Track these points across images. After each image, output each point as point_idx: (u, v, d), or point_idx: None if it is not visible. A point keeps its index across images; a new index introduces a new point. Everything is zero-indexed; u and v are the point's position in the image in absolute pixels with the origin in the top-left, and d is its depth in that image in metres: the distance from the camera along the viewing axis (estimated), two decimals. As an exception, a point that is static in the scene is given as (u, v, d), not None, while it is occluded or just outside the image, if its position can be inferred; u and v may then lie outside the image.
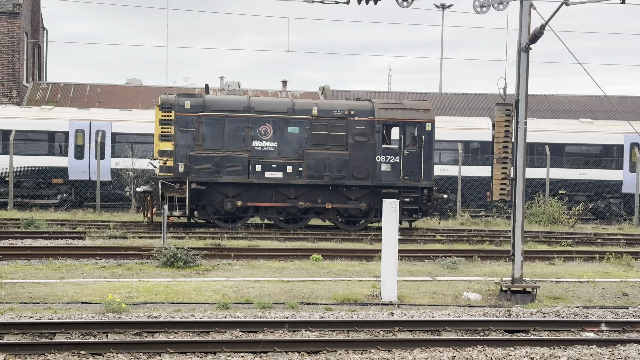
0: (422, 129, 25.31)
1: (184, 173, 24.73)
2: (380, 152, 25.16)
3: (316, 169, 25.10)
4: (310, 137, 25.15)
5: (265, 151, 25.07)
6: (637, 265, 19.61)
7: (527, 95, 14.52)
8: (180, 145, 24.86)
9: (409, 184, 25.23)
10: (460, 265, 18.71)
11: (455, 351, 10.66)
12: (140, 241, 21.88)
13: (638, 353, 10.64)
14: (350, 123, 25.18)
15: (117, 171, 30.79)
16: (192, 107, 24.96)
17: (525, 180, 14.86)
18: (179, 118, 24.82)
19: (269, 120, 25.10)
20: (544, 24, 13.76)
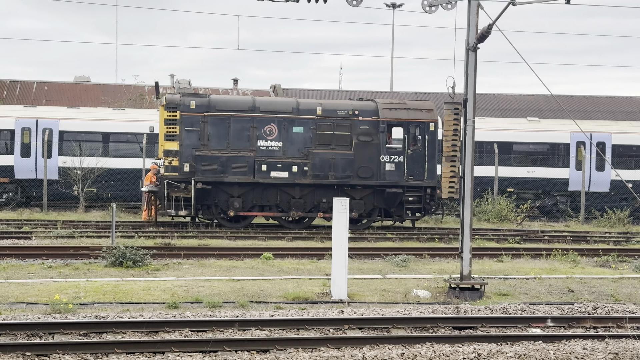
0: (425, 128, 25.59)
1: (189, 173, 24.73)
2: (384, 151, 25.39)
3: (321, 169, 25.28)
4: (315, 136, 25.31)
5: (270, 151, 25.15)
6: (582, 262, 19.97)
7: (476, 94, 14.67)
8: (185, 145, 24.83)
9: (412, 183, 25.53)
10: (410, 263, 18.84)
11: (404, 348, 10.73)
12: (89, 241, 21.60)
13: (583, 348, 10.83)
14: (354, 123, 25.39)
15: (64, 170, 30.33)
16: (197, 107, 24.96)
17: (473, 179, 15.02)
18: (184, 118, 24.81)
19: (274, 120, 25.19)
20: (491, 24, 13.92)
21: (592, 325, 12.41)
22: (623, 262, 20.01)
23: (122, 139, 31.56)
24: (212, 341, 10.53)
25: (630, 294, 15.64)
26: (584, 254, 21.16)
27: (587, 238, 25.36)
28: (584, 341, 11.23)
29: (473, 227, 25.55)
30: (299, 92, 45.60)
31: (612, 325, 12.38)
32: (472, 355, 10.42)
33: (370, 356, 10.29)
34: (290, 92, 44.73)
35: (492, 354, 10.48)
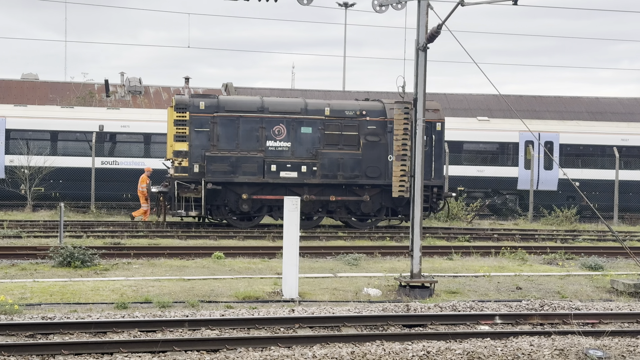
0: (432, 128, 25.83)
1: (199, 173, 24.82)
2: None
3: (330, 169, 25.52)
4: (323, 137, 25.57)
5: (279, 151, 25.35)
6: (530, 260, 20.25)
7: (425, 94, 14.79)
8: (195, 145, 24.91)
9: None
10: (362, 262, 18.92)
11: (354, 346, 10.77)
12: (36, 240, 21.26)
13: (529, 345, 10.98)
14: (362, 123, 25.67)
15: (11, 169, 29.81)
16: (206, 108, 25.06)
17: (423, 177, 15.14)
18: (194, 118, 24.87)
19: (283, 120, 25.40)
20: (440, 24, 14.05)
21: (539, 321, 12.59)
22: (570, 259, 20.35)
23: (71, 138, 31.14)
24: (162, 341, 10.44)
25: (576, 291, 15.91)
26: (532, 251, 21.47)
27: (535, 236, 25.74)
28: (531, 337, 11.39)
29: (424, 226, 25.95)
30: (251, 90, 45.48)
31: (559, 322, 12.58)
32: (422, 352, 10.50)
33: (320, 355, 10.31)
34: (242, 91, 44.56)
35: (440, 351, 10.58)
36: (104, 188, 30.17)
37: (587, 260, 19.45)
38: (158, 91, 43.62)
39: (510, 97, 43.05)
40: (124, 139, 31.80)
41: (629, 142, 33.29)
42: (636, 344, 11.17)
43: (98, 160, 30.33)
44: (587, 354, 10.65)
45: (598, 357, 10.55)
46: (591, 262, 19.10)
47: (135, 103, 41.56)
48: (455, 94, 46.34)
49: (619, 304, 14.26)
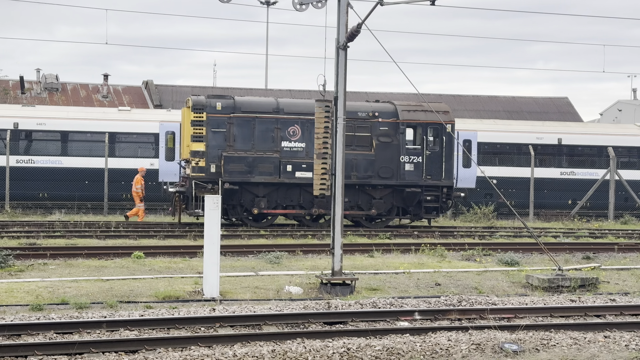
0: (442, 130, 26.55)
1: (216, 173, 25.20)
2: (404, 152, 26.34)
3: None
4: None
5: (294, 152, 25.84)
6: (449, 256, 20.60)
7: (346, 92, 14.89)
8: (211, 145, 25.27)
9: (430, 183, 26.46)
10: (283, 260, 18.93)
11: (275, 344, 10.76)
12: (-53, 242, 20.59)
13: (447, 340, 11.17)
14: (374, 124, 26.18)
15: None
16: (223, 109, 25.43)
17: (344, 175, 15.23)
18: (211, 119, 25.25)
19: (297, 121, 25.82)
20: (360, 23, 14.15)
21: (457, 317, 12.82)
22: (487, 255, 20.78)
23: (-16, 135, 30.28)
24: (78, 343, 10.23)
25: (493, 286, 16.26)
26: (451, 248, 21.84)
27: (454, 233, 26.20)
28: (449, 333, 11.58)
29: (345, 224, 26.16)
30: (173, 88, 44.99)
31: (476, 317, 12.83)
32: (342, 349, 10.57)
33: (241, 354, 10.27)
34: (162, 89, 44.04)
35: (361, 348, 10.67)
36: (20, 187, 29.43)
37: (504, 256, 19.89)
38: (76, 88, 42.75)
39: (429, 96, 43.71)
40: (40, 137, 31.08)
41: (543, 141, 34.19)
42: (549, 338, 11.48)
43: (13, 158, 29.53)
44: (502, 347, 10.90)
45: (513, 351, 10.81)
46: (507, 258, 19.55)
47: (52, 100, 40.63)
48: (376, 92, 46.79)
49: (533, 298, 14.63)
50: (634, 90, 62.72)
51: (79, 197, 30.38)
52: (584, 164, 34.51)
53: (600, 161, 34.08)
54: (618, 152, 33.11)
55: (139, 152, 31.87)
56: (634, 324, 12.50)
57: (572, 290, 15.85)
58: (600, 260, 20.47)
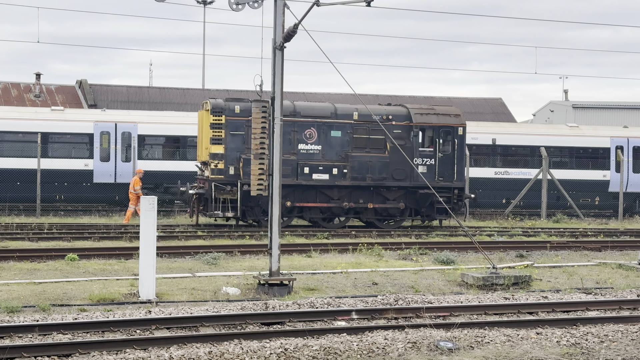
0: (454, 133, 27.34)
1: (234, 175, 25.61)
2: (417, 154, 26.93)
3: (360, 171, 26.53)
4: (352, 140, 26.66)
5: (310, 154, 26.33)
6: (386, 255, 20.75)
7: (283, 93, 14.88)
8: (230, 148, 25.68)
9: (443, 184, 26.96)
10: (221, 261, 18.83)
11: (212, 346, 10.70)
12: None
13: (384, 339, 11.26)
14: (388, 127, 26.19)
15: None
16: (241, 112, 25.73)
17: (281, 176, 15.22)
18: (229, 122, 25.67)
19: (314, 124, 26.30)
20: (297, 23, 14.17)
21: (394, 316, 12.93)
22: (423, 254, 21.00)
23: None
24: (9, 347, 10.01)
25: (429, 285, 16.45)
26: (388, 247, 22.00)
27: (391, 232, 26.40)
28: (385, 332, 11.67)
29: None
30: (107, 88, 44.36)
31: (412, 315, 12.96)
32: (279, 350, 10.56)
33: (177, 356, 10.18)
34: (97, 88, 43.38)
35: (298, 348, 10.68)
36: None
37: (440, 255, 20.14)
38: (7, 87, 41.81)
39: (367, 97, 43.99)
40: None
41: (478, 141, 34.67)
42: (484, 335, 11.67)
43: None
44: (438, 345, 11.03)
45: (448, 349, 10.95)
46: (443, 256, 19.79)
47: (-18, 99, 39.62)
48: (314, 93, 46.91)
49: (468, 296, 14.84)
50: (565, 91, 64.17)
51: (10, 198, 29.72)
52: (518, 164, 35.14)
53: (533, 161, 34.72)
54: (550, 152, 33.81)
55: (73, 153, 31.33)
56: (565, 321, 12.79)
57: (506, 288, 16.13)
58: (533, 258, 20.88)
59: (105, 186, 31.08)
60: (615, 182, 34.02)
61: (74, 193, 30.74)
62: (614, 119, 53.08)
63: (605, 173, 34.83)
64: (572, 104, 57.92)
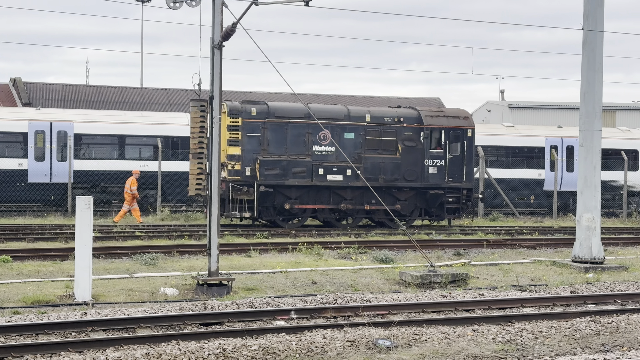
0: (463, 135, 27.88)
1: (251, 176, 26.01)
2: (427, 156, 27.49)
3: (372, 172, 26.89)
4: (364, 142, 27.15)
5: (324, 155, 26.75)
6: (326, 255, 20.81)
7: (222, 92, 14.80)
8: (247, 150, 26.09)
9: (452, 185, 27.57)
10: (159, 261, 18.65)
11: (149, 347, 10.59)
12: None
13: (323, 338, 11.28)
14: (399, 129, 27.31)
15: None
16: (257, 114, 26.26)
17: (220, 175, 15.14)
18: (246, 124, 26.05)
19: (327, 126, 26.27)
20: (235, 22, 14.10)
21: (333, 315, 12.97)
22: (363, 253, 21.12)
23: None
24: (-61, 353, 9.75)
25: (368, 284, 16.55)
26: (328, 246, 22.06)
27: (331, 231, 26.48)
28: (324, 331, 11.70)
29: (223, 224, 26.04)
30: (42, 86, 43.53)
31: (351, 314, 13.02)
32: (218, 350, 10.50)
33: (113, 358, 10.04)
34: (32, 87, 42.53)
35: (237, 348, 10.63)
36: None
37: (379, 253, 20.28)
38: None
39: (306, 96, 44.04)
40: None
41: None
42: (421, 333, 11.79)
43: None
44: (376, 344, 11.11)
45: (386, 347, 11.03)
46: (382, 255, 19.93)
47: None
48: (254, 92, 46.76)
49: (407, 294, 14.98)
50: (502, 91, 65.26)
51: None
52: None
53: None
54: (487, 152, 34.32)
55: (7, 152, 30.64)
56: (500, 318, 13.00)
57: (443, 286, 16.32)
58: (470, 256, 21.18)
59: (40, 186, 30.47)
60: (549, 180, 34.70)
61: (8, 193, 30.07)
62: (548, 118, 54.15)
63: (540, 172, 35.50)
64: (509, 104, 58.92)
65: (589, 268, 19.10)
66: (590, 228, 19.53)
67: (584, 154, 19.78)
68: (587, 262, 19.45)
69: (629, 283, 16.93)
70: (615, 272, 18.92)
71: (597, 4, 19.39)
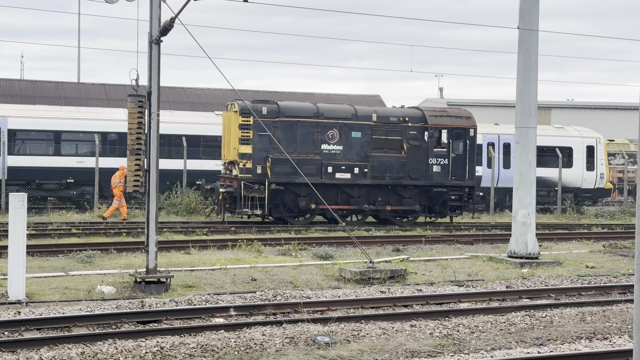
0: (466, 134, 28.59)
1: (262, 174, 26.44)
2: (432, 154, 28.13)
3: (379, 170, 27.60)
4: (371, 141, 27.63)
5: (332, 154, 27.26)
6: (266, 251, 20.79)
7: (160, 87, 14.64)
8: (257, 148, 26.50)
9: (455, 183, 28.17)
10: (96, 259, 18.38)
11: (85, 347, 10.43)
12: None
13: (262, 334, 11.26)
14: (404, 129, 27.93)
15: None
16: (268, 113, 26.61)
17: (159, 172, 14.99)
18: (257, 123, 26.05)
19: (336, 125, 27.25)
20: (173, 17, 13.95)
21: (272, 311, 12.97)
22: (303, 250, 21.14)
23: None
24: None
25: (308, 280, 16.57)
26: (268, 243, 22.03)
27: (271, 228, 26.44)
28: (264, 327, 11.68)
29: (162, 220, 25.77)
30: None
31: (290, 311, 13.03)
32: (155, 349, 10.40)
33: (48, 357, 9.87)
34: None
35: (175, 346, 10.54)
36: None
37: (319, 250, 20.32)
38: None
39: (247, 93, 43.89)
40: None
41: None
42: (360, 328, 11.85)
43: None
44: (315, 340, 11.13)
45: (325, 343, 11.06)
46: (322, 251, 19.98)
47: None
48: (194, 88, 46.42)
49: (346, 291, 15.05)
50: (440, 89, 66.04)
51: None
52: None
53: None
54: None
55: None
56: (438, 313, 13.16)
57: (382, 281, 16.44)
58: (409, 252, 21.38)
59: (-29, 183, 29.73)
60: (487, 177, 35.21)
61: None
62: (486, 116, 54.93)
63: (478, 169, 36.05)
64: (447, 101, 59.67)
65: (524, 263, 19.45)
66: (525, 224, 19.89)
67: (520, 151, 20.12)
68: (522, 257, 19.80)
69: (563, 278, 17.30)
70: (550, 267, 19.30)
71: (532, 3, 19.73)
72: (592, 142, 36.90)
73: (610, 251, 22.77)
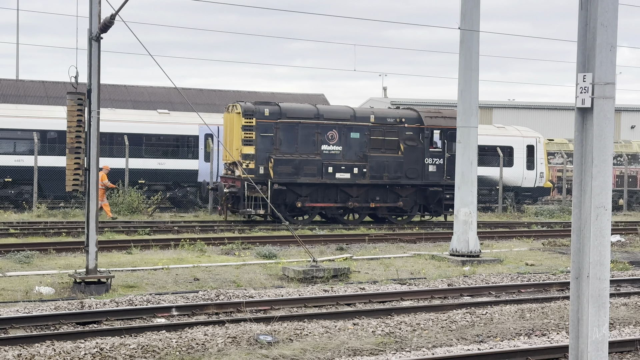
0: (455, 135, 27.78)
1: (264, 175, 26.79)
2: (427, 154, 28.76)
3: (377, 170, 28.13)
4: (369, 141, 28.16)
5: (332, 154, 27.75)
6: (209, 251, 20.65)
7: (100, 85, 14.42)
8: (260, 149, 26.86)
9: (450, 182, 27.40)
10: (35, 259, 18.04)
11: (22, 348, 10.22)
12: None
13: (204, 334, 11.18)
14: (401, 129, 28.55)
15: None
16: (270, 114, 27.10)
17: (98, 171, 14.76)
18: (259, 124, 26.82)
19: (335, 126, 27.77)
20: (114, 14, 13.74)
21: (215, 311, 12.88)
22: (246, 249, 21.06)
23: None
24: None
25: (251, 279, 16.51)
26: (211, 243, 21.89)
27: (215, 227, 26.31)
28: (206, 327, 11.59)
29: (103, 220, 25.42)
30: None
31: (233, 310, 12.96)
32: (95, 350, 10.24)
33: (-17, 361, 9.64)
34: None
35: (115, 347, 10.40)
36: None
37: (262, 249, 20.25)
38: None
39: (190, 91, 43.57)
40: None
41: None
42: (303, 327, 11.85)
43: None
44: (257, 339, 11.09)
45: (268, 342, 11.03)
46: (266, 251, 19.92)
47: None
48: (137, 86, 45.87)
49: (289, 290, 15.03)
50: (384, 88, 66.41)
51: None
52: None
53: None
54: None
55: None
56: (380, 311, 13.23)
57: (325, 280, 16.46)
58: (352, 251, 21.46)
59: None
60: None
61: None
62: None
63: None
64: (391, 100, 60.02)
65: (465, 261, 19.69)
66: (467, 222, 20.12)
67: (461, 150, 20.35)
68: (464, 255, 20.04)
69: (503, 275, 17.55)
70: (491, 265, 19.58)
71: (473, 4, 19.97)
72: (532, 141, 37.51)
73: (549, 249, 23.22)
